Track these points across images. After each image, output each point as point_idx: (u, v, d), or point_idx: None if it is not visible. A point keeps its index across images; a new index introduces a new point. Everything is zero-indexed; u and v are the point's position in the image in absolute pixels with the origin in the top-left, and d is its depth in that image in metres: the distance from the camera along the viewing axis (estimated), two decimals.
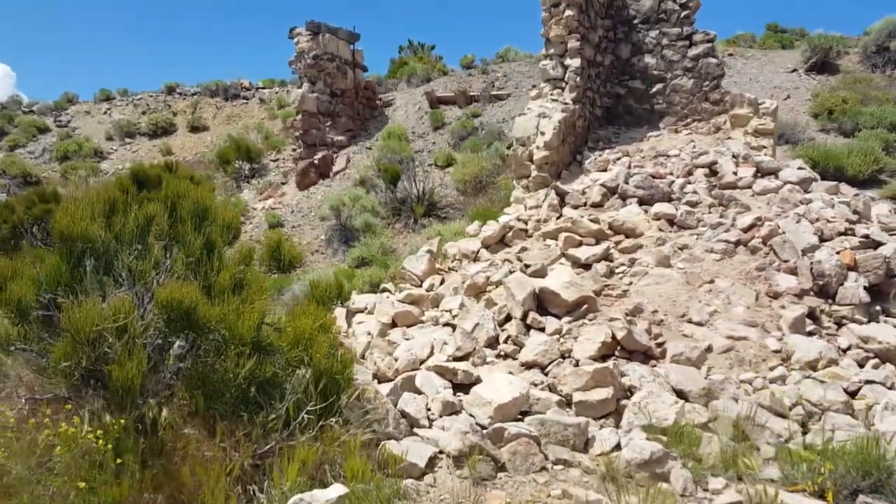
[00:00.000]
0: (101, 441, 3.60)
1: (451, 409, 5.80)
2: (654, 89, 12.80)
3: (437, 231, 13.63)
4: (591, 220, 8.68)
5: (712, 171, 10.14)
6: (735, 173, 9.84)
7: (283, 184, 20.67)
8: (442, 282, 9.00)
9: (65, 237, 4.44)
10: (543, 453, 5.17)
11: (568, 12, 11.59)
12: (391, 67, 31.61)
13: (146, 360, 4.03)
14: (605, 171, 10.78)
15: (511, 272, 8.07)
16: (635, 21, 12.95)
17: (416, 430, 5.51)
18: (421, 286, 9.00)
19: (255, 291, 4.89)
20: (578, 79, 11.57)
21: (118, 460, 3.71)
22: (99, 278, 4.60)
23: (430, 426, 5.66)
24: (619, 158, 11.08)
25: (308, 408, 4.62)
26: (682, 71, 12.59)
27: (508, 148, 17.91)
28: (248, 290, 4.84)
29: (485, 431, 5.24)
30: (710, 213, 9.11)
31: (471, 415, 5.73)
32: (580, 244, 8.55)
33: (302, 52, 20.66)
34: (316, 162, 20.13)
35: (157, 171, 17.75)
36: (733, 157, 10.42)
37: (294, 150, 23.14)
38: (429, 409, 5.85)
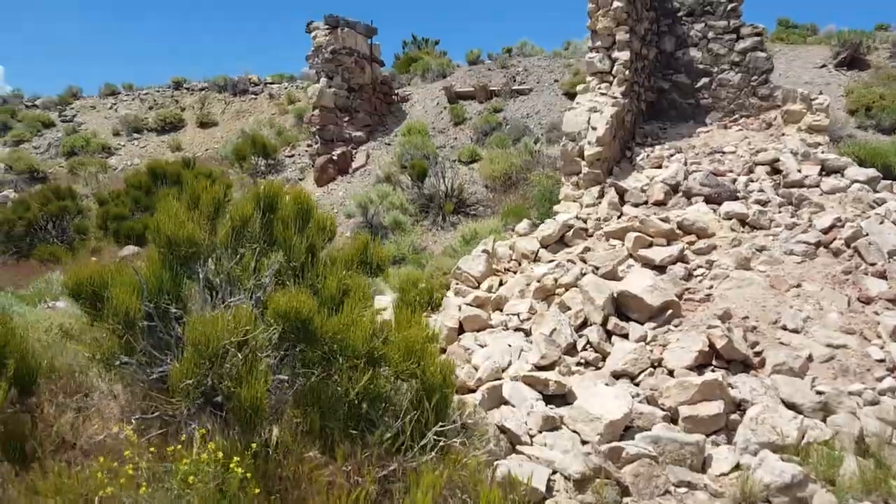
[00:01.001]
0: (238, 469, 3.20)
1: (550, 425, 5.42)
2: (700, 84, 12.44)
3: (473, 230, 13.23)
4: (661, 220, 8.29)
5: (774, 168, 9.78)
6: (800, 171, 9.48)
7: (300, 180, 20.22)
8: (501, 283, 8.61)
9: (171, 241, 4.02)
10: (664, 475, 4.80)
11: (616, 3, 11.20)
12: (397, 63, 31.13)
13: (270, 377, 3.62)
14: (660, 167, 10.42)
15: (583, 274, 7.69)
16: (679, 13, 12.57)
17: (518, 447, 5.13)
18: (478, 287, 8.61)
19: (360, 299, 4.49)
20: (627, 72, 11.19)
21: (247, 489, 3.32)
22: (204, 286, 4.19)
23: (532, 443, 5.28)
24: (672, 155, 10.72)
25: (425, 426, 4.24)
26: (728, 65, 12.23)
27: (535, 143, 17.55)
28: (353, 298, 4.44)
29: (601, 451, 4.86)
30: (780, 212, 8.74)
31: (574, 431, 5.34)
32: (650, 245, 8.18)
33: (320, 46, 20.19)
34: (334, 158, 19.68)
35: (176, 168, 17.32)
36: (792, 154, 10.07)
37: (309, 145, 22.68)
38: (525, 424, 5.46)
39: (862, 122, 15.40)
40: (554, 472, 4.78)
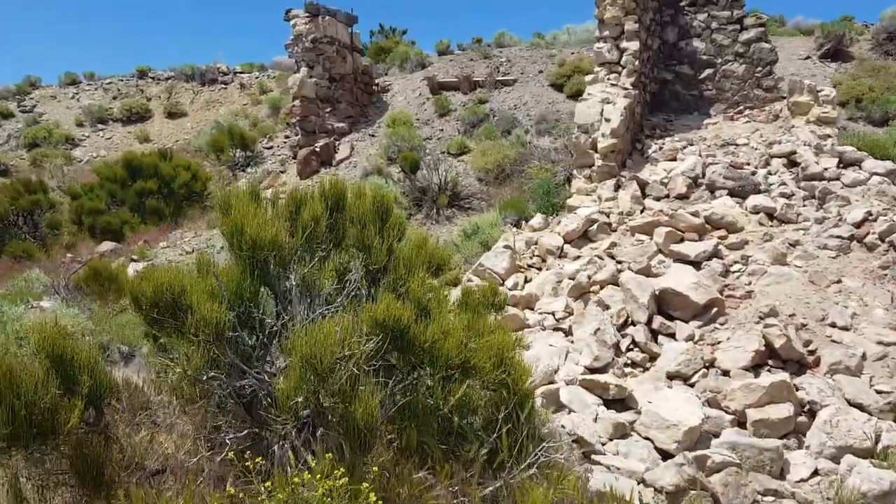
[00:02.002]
0: (372, 495, 2.88)
1: (621, 432, 5.19)
2: (703, 75, 12.34)
3: (474, 224, 12.94)
4: (692, 214, 8.13)
5: (791, 161, 9.71)
6: (818, 163, 9.41)
7: (281, 172, 19.67)
8: (527, 280, 8.36)
9: (255, 244, 3.65)
10: (750, 483, 4.61)
11: None
12: (367, 52, 30.56)
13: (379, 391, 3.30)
14: (675, 160, 10.27)
15: (619, 271, 7.48)
16: (682, 3, 12.45)
17: (593, 457, 4.89)
18: (503, 285, 8.34)
19: (442, 303, 4.19)
20: (637, 62, 11.02)
21: None
22: (285, 292, 3.83)
23: (604, 452, 5.04)
24: (684, 147, 10.59)
25: (517, 438, 3.96)
26: (732, 56, 12.15)
27: (526, 133, 17.33)
28: (437, 302, 4.13)
29: (690, 460, 4.63)
30: (804, 206, 8.66)
31: (647, 438, 5.12)
32: (681, 240, 8.01)
33: (300, 35, 19.61)
34: (317, 149, 19.17)
35: (152, 160, 16.67)
36: (805, 146, 10.02)
37: (287, 136, 22.11)
38: (595, 432, 5.22)
39: (853, 114, 15.50)
40: (638, 483, 4.56)
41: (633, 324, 6.78)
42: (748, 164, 9.76)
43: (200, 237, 16.61)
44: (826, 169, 9.23)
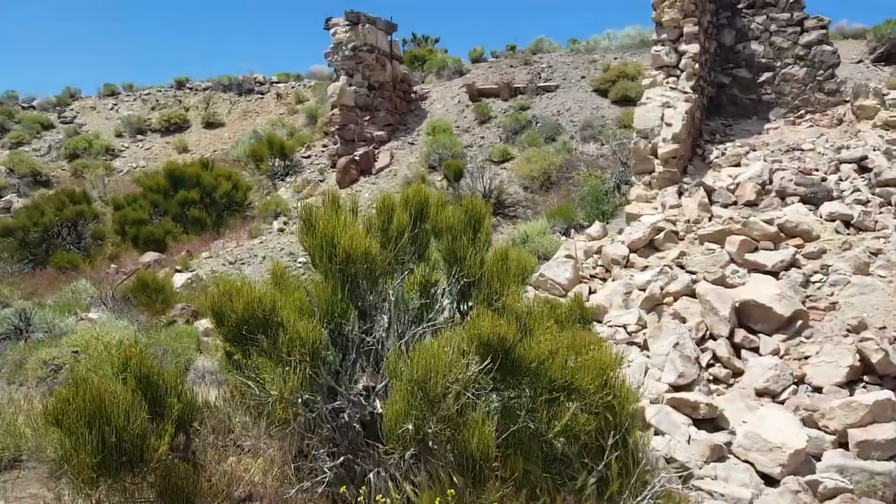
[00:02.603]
0: None
1: (718, 454, 4.86)
2: (762, 78, 11.93)
3: (523, 233, 12.66)
4: (766, 222, 7.76)
5: (862, 166, 9.29)
6: (891, 168, 8.98)
7: (321, 181, 19.55)
8: (591, 291, 8.04)
9: (349, 258, 3.41)
10: None
11: None
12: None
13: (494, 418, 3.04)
14: (739, 165, 9.90)
15: (694, 282, 7.14)
16: (739, 5, 12.07)
17: (692, 482, 4.56)
18: (566, 296, 8.03)
19: (539, 318, 3.90)
20: (696, 66, 10.67)
21: None
22: (369, 307, 3.58)
23: (702, 476, 4.71)
24: (747, 152, 10.21)
25: (624, 465, 3.67)
26: (792, 59, 11.74)
27: (571, 139, 17.02)
28: (537, 318, 3.85)
29: (804, 486, 4.30)
30: (881, 213, 8.25)
31: (747, 461, 4.78)
32: (755, 249, 7.64)
33: (339, 43, 19.53)
34: (357, 158, 19.04)
35: (194, 170, 16.65)
36: (874, 150, 9.59)
37: (325, 145, 22.02)
38: (692, 455, 4.89)
39: None
40: None
41: (714, 337, 6.44)
42: (816, 169, 9.36)
43: (242, 247, 16.53)
44: None
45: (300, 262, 15.41)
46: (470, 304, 4.01)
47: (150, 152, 26.60)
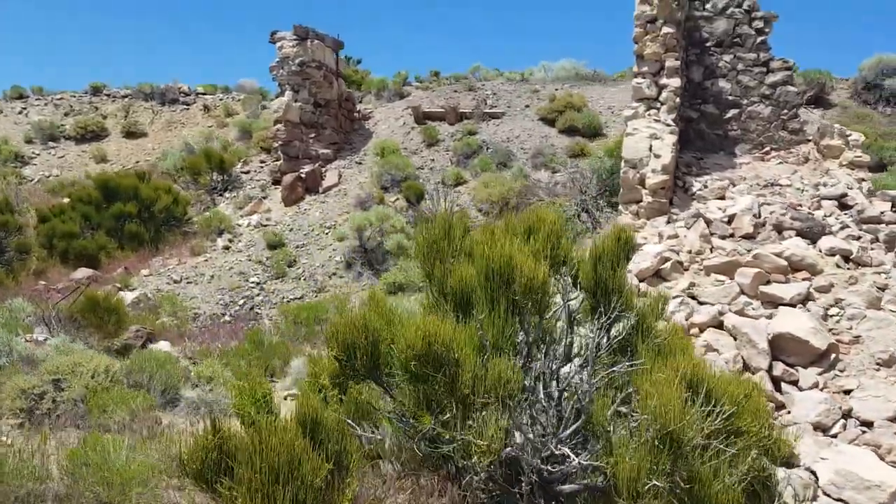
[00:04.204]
0: None
1: (811, 493, 4.80)
2: (729, 115, 12.34)
3: None
4: (776, 255, 7.92)
5: (842, 203, 9.70)
6: (871, 205, 9.42)
7: (263, 198, 18.81)
8: None
9: (530, 287, 3.11)
10: None
11: (666, 29, 10.94)
12: None
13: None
14: (723, 198, 10.13)
15: (721, 314, 7.17)
16: (708, 44, 12.47)
17: None
18: None
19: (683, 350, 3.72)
20: (678, 99, 10.91)
21: None
22: (536, 339, 3.29)
23: None
24: (728, 186, 10.48)
25: None
26: (758, 98, 12.20)
27: (523, 166, 17.10)
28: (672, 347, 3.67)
29: None
30: (873, 248, 8.60)
31: (840, 499, 4.74)
32: (768, 282, 7.77)
33: (286, 57, 18.96)
34: (303, 175, 18.46)
35: (131, 181, 15.69)
36: (848, 188, 10.06)
37: (262, 161, 21.26)
38: None
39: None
40: None
41: (752, 371, 6.45)
42: (800, 205, 9.70)
43: (185, 265, 15.62)
44: (883, 212, 9.23)
45: (252, 282, 14.72)
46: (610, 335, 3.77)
47: (63, 160, 24.88)
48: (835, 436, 5.72)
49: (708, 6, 12.26)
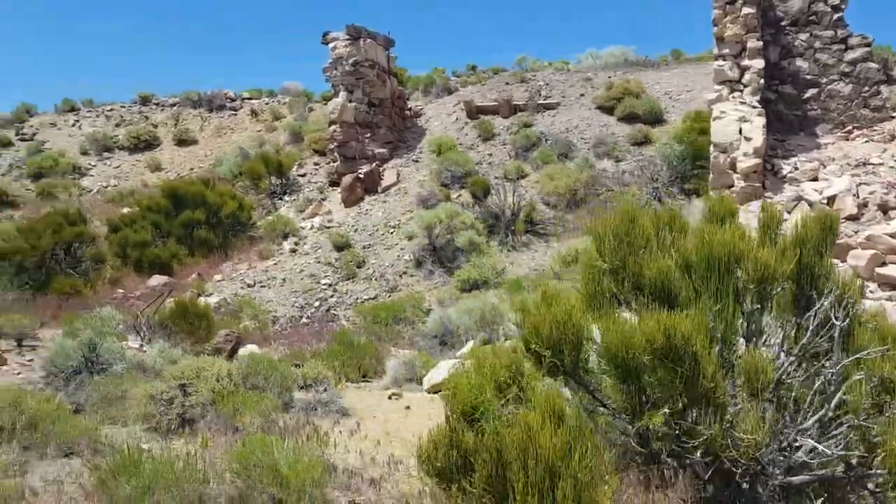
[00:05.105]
0: None
1: None
2: (807, 95, 12.10)
3: (574, 250, 12.44)
4: (890, 236, 7.75)
5: None
6: None
7: (322, 200, 18.90)
8: None
9: (767, 277, 3.05)
10: None
11: (746, 10, 10.78)
12: None
13: None
14: (816, 180, 9.94)
15: (890, 300, 7.03)
16: (783, 23, 12.23)
17: None
18: None
19: None
20: (762, 80, 10.72)
21: None
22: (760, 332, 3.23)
23: None
24: (818, 167, 10.27)
25: None
26: (838, 76, 11.95)
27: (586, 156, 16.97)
28: None
29: None
30: None
31: None
32: (884, 263, 7.60)
33: (339, 58, 19.02)
34: (361, 176, 18.51)
35: (197, 188, 15.87)
36: None
37: (316, 164, 21.38)
38: None
39: None
40: None
41: None
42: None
43: (255, 269, 15.76)
44: None
45: (324, 284, 14.81)
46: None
47: (119, 170, 25.32)
48: None
49: None
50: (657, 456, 3.40)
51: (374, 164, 18.90)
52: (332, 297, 14.33)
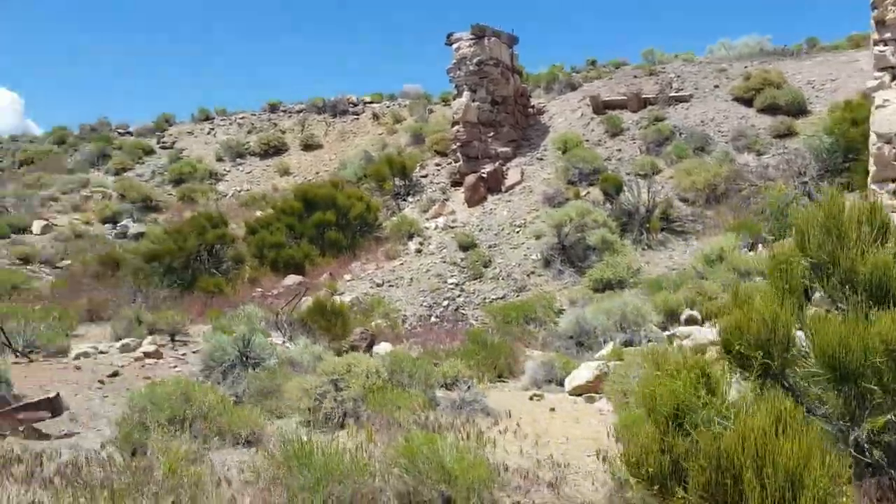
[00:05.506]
0: None
1: None
2: None
3: (718, 248, 11.81)
4: None
5: None
6: None
7: (445, 200, 18.96)
8: None
9: None
10: None
11: None
12: None
13: None
14: None
15: None
16: None
17: None
18: None
19: None
20: None
21: None
22: None
23: None
24: None
25: None
26: None
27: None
28: None
29: None
30: None
31: None
32: None
33: (464, 58, 19.03)
34: (484, 175, 18.43)
35: (327, 191, 16.18)
36: None
37: (437, 164, 21.49)
38: None
39: None
40: None
41: None
42: None
43: (382, 269, 15.98)
44: None
45: (451, 284, 14.81)
46: None
47: (251, 175, 26.44)
48: None
49: None
50: (879, 467, 3.05)
51: (497, 164, 18.78)
52: (459, 296, 14.29)
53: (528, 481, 4.39)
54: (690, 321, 10.46)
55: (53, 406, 4.98)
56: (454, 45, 19.32)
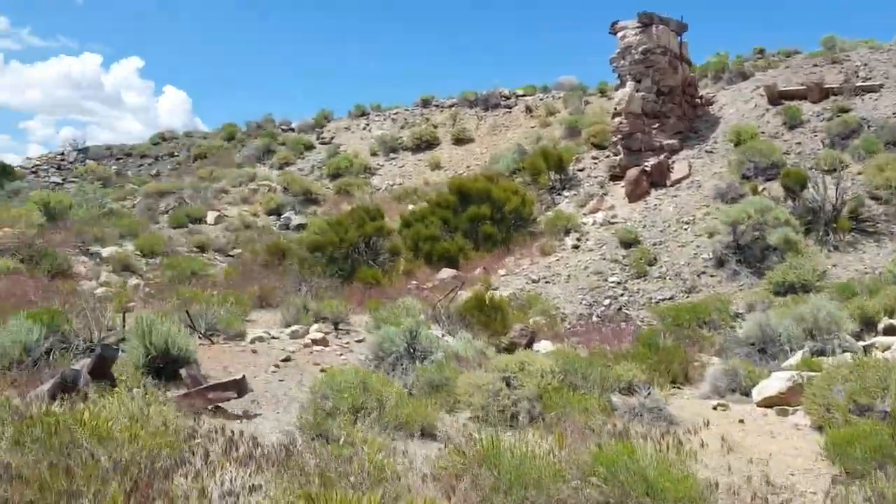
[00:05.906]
0: None
1: None
2: None
3: None
4: None
5: None
6: None
7: (604, 195, 18.19)
8: None
9: None
10: None
11: None
12: None
13: None
14: None
15: None
16: None
17: None
18: None
19: None
20: None
21: None
22: None
23: None
24: None
25: None
26: None
27: None
28: None
29: None
30: None
31: None
32: None
33: (628, 47, 18.18)
34: (647, 169, 17.50)
35: (482, 184, 15.84)
36: None
37: (594, 158, 20.71)
38: None
39: None
40: None
41: None
42: None
43: (538, 264, 15.52)
44: None
45: (612, 282, 14.12)
46: None
47: (403, 169, 26.78)
48: None
49: None
50: None
51: (661, 156, 17.79)
52: (622, 295, 13.57)
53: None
54: (890, 331, 9.39)
55: (240, 387, 4.97)
56: (619, 34, 18.51)
